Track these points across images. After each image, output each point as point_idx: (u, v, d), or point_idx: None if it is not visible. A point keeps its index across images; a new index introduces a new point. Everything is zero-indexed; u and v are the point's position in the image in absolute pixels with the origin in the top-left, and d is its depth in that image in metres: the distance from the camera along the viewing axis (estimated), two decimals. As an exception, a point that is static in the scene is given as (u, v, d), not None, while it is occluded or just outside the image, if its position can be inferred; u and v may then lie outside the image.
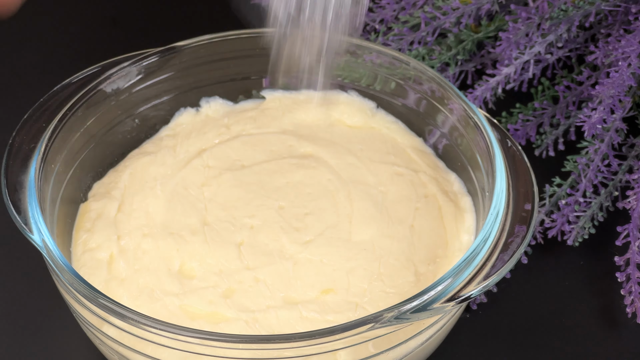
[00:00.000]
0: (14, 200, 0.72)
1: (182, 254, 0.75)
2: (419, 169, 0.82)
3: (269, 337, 0.65)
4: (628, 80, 0.84)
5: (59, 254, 0.69)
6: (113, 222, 0.78)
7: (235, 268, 0.74)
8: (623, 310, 0.81)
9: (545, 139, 0.91)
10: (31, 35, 1.08)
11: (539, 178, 0.79)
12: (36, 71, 1.03)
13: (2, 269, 0.84)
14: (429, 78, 0.82)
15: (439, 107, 0.82)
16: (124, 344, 0.68)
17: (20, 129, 0.77)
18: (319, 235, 0.77)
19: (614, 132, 0.86)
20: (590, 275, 0.84)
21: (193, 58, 0.85)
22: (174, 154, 0.83)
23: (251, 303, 0.72)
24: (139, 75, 0.83)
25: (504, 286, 0.83)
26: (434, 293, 0.66)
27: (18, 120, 0.78)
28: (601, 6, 0.92)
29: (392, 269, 0.75)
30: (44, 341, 0.79)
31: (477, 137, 0.77)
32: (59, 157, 0.78)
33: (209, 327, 0.70)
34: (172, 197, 0.80)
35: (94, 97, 0.80)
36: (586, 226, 0.84)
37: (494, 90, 0.92)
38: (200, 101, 0.87)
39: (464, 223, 0.78)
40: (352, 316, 0.71)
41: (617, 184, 0.86)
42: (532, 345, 0.79)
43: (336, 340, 0.65)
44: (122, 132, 0.84)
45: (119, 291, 0.73)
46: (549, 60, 0.92)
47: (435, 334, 0.72)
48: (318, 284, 0.74)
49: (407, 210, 0.79)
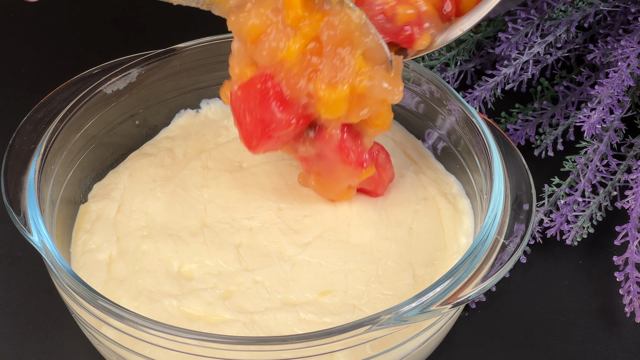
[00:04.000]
0: (14, 201, 0.72)
1: (181, 255, 0.76)
2: (418, 171, 0.83)
3: (267, 338, 0.65)
4: (627, 81, 0.84)
5: (58, 255, 0.69)
6: (112, 223, 0.78)
7: (234, 270, 0.75)
8: (621, 310, 0.81)
9: (544, 139, 0.91)
10: (31, 36, 1.08)
11: (538, 178, 0.79)
12: (36, 72, 1.03)
13: (2, 269, 0.85)
14: (428, 80, 0.82)
15: (437, 109, 0.82)
16: (123, 345, 0.69)
17: (20, 130, 0.77)
18: (317, 237, 0.77)
19: (612, 132, 0.86)
20: (589, 275, 0.84)
21: (193, 60, 0.85)
22: (173, 156, 0.84)
23: (249, 305, 0.72)
24: (139, 77, 0.83)
25: (503, 285, 0.83)
26: (431, 295, 0.66)
27: (18, 120, 0.78)
28: (600, 7, 0.92)
29: (390, 271, 0.75)
30: (43, 341, 0.79)
31: (475, 139, 0.77)
32: (58, 158, 0.78)
33: (207, 329, 0.71)
34: (171, 198, 0.80)
35: (94, 98, 0.80)
36: (585, 226, 0.84)
37: (494, 90, 0.92)
38: (201, 103, 0.88)
39: (463, 225, 0.78)
40: (350, 318, 0.72)
41: (616, 183, 0.86)
42: (530, 344, 0.80)
43: (334, 342, 0.65)
44: (122, 133, 0.84)
45: (118, 292, 0.73)
46: (548, 60, 0.92)
47: (433, 335, 0.72)
48: (316, 286, 0.74)
49: (406, 213, 0.79)
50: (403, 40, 0.73)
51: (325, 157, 0.76)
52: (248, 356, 0.65)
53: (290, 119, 0.73)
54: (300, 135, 0.75)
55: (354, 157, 0.75)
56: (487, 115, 0.94)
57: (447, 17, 0.74)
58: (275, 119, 0.73)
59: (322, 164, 0.77)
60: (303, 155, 0.77)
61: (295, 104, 0.73)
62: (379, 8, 0.72)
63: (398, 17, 0.72)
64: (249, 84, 0.74)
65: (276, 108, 0.73)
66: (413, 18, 0.72)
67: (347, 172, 0.76)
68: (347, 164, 0.75)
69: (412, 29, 0.72)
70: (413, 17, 0.72)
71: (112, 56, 0.84)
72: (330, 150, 0.75)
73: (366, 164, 0.76)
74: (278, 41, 0.72)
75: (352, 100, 0.72)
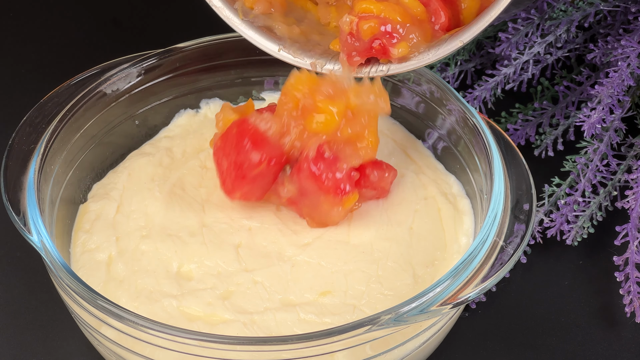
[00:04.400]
0: (13, 201, 0.72)
1: (180, 255, 0.75)
2: (418, 171, 0.82)
3: (266, 338, 0.65)
4: (627, 80, 0.84)
5: (58, 255, 0.69)
6: (112, 223, 0.78)
7: (233, 270, 0.74)
8: (622, 310, 0.81)
9: (544, 139, 0.91)
10: (31, 36, 1.08)
11: (538, 178, 0.79)
12: (36, 72, 1.03)
13: (2, 269, 0.84)
14: (428, 80, 0.82)
15: (437, 109, 0.82)
16: (122, 345, 0.69)
17: (20, 130, 0.77)
18: (317, 238, 0.77)
19: (613, 132, 0.86)
20: (589, 275, 0.84)
21: (193, 59, 0.85)
22: (172, 155, 0.84)
23: (249, 305, 0.72)
24: (139, 77, 0.83)
25: (503, 285, 0.83)
26: (431, 295, 0.66)
27: (18, 120, 0.78)
28: (600, 6, 0.92)
29: (390, 271, 0.75)
30: (43, 341, 0.79)
31: (475, 139, 0.77)
32: (58, 158, 0.78)
33: (206, 329, 0.71)
34: (170, 198, 0.80)
35: (93, 98, 0.80)
36: (585, 226, 0.84)
37: (494, 90, 0.92)
38: (200, 102, 0.87)
39: (463, 225, 0.78)
40: (350, 318, 0.71)
41: (616, 183, 0.86)
42: (530, 344, 0.79)
43: (334, 342, 0.65)
44: (122, 133, 0.84)
45: (117, 292, 0.73)
46: (548, 60, 0.92)
47: (434, 335, 0.72)
48: (316, 286, 0.74)
49: (406, 213, 0.79)
50: (378, 53, 0.74)
51: (306, 192, 0.76)
52: (248, 356, 0.65)
53: (262, 156, 0.74)
54: (277, 178, 0.76)
55: (329, 183, 0.75)
56: (487, 115, 0.94)
57: (447, 28, 0.74)
58: (247, 158, 0.74)
59: (307, 201, 0.76)
60: (286, 197, 0.77)
61: (272, 142, 0.75)
62: (346, 31, 0.73)
63: (362, 33, 0.73)
64: (228, 131, 0.76)
65: (249, 146, 0.74)
66: (376, 31, 0.72)
67: (329, 202, 0.75)
68: (326, 192, 0.75)
69: (382, 41, 0.73)
70: (376, 29, 0.72)
71: (112, 56, 0.84)
72: (306, 180, 0.75)
73: (348, 187, 0.75)
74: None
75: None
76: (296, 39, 0.77)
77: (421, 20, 0.74)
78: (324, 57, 0.76)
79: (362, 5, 0.73)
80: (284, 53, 0.77)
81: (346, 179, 0.75)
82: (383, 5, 0.73)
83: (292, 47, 0.77)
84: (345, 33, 0.73)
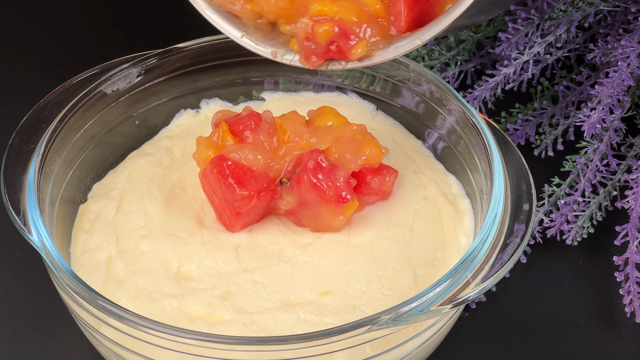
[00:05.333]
0: (14, 201, 0.72)
1: (180, 255, 0.75)
2: (418, 171, 0.82)
3: (266, 338, 0.65)
4: (627, 80, 0.84)
5: (58, 255, 0.69)
6: (112, 223, 0.78)
7: (233, 270, 0.74)
8: (622, 310, 0.81)
9: (544, 139, 0.91)
10: (31, 36, 1.08)
11: (538, 178, 0.79)
12: (36, 72, 1.03)
13: (2, 269, 0.84)
14: (428, 80, 0.82)
15: (437, 109, 0.82)
16: (122, 345, 0.69)
17: (20, 130, 0.77)
18: (317, 238, 0.77)
19: (612, 132, 0.86)
20: (589, 275, 0.84)
21: (193, 59, 0.85)
22: (172, 155, 0.84)
23: (249, 305, 0.72)
24: (139, 77, 0.83)
25: (503, 285, 0.83)
26: (431, 295, 0.66)
27: (18, 120, 0.78)
28: (600, 6, 0.92)
29: (390, 271, 0.75)
30: (43, 341, 0.79)
31: (475, 139, 0.77)
32: (58, 158, 0.78)
33: (206, 329, 0.71)
34: (169, 198, 0.80)
35: (94, 98, 0.80)
36: (585, 226, 0.84)
37: (494, 90, 0.92)
38: (200, 102, 0.87)
39: (463, 225, 0.78)
40: (350, 318, 0.71)
41: (616, 183, 0.86)
42: (530, 344, 0.79)
43: (334, 342, 0.65)
44: (122, 133, 0.84)
45: (117, 292, 0.73)
46: (548, 60, 0.92)
47: (434, 335, 0.72)
48: (316, 286, 0.74)
49: (406, 213, 0.79)
50: (336, 55, 0.73)
51: (306, 203, 0.76)
52: (248, 356, 0.65)
53: (251, 193, 0.74)
54: (275, 194, 0.76)
55: (330, 192, 0.75)
56: (487, 115, 0.94)
57: (405, 31, 0.73)
58: (236, 197, 0.74)
59: (307, 212, 0.76)
60: (286, 210, 0.77)
61: (257, 173, 0.75)
62: (302, 36, 0.73)
63: (318, 36, 0.72)
64: (208, 170, 0.76)
65: (235, 185, 0.74)
66: (332, 34, 0.72)
67: (330, 212, 0.75)
68: (327, 202, 0.75)
69: (339, 43, 0.72)
70: (331, 32, 0.72)
71: (112, 56, 0.84)
72: (308, 192, 0.75)
73: (349, 195, 0.75)
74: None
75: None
76: (260, 27, 0.77)
77: (379, 17, 0.73)
78: (284, 47, 0.76)
79: (316, 7, 0.72)
80: (246, 40, 0.76)
81: (346, 186, 0.75)
82: (337, 6, 0.72)
83: (254, 34, 0.76)
84: (302, 38, 0.73)
